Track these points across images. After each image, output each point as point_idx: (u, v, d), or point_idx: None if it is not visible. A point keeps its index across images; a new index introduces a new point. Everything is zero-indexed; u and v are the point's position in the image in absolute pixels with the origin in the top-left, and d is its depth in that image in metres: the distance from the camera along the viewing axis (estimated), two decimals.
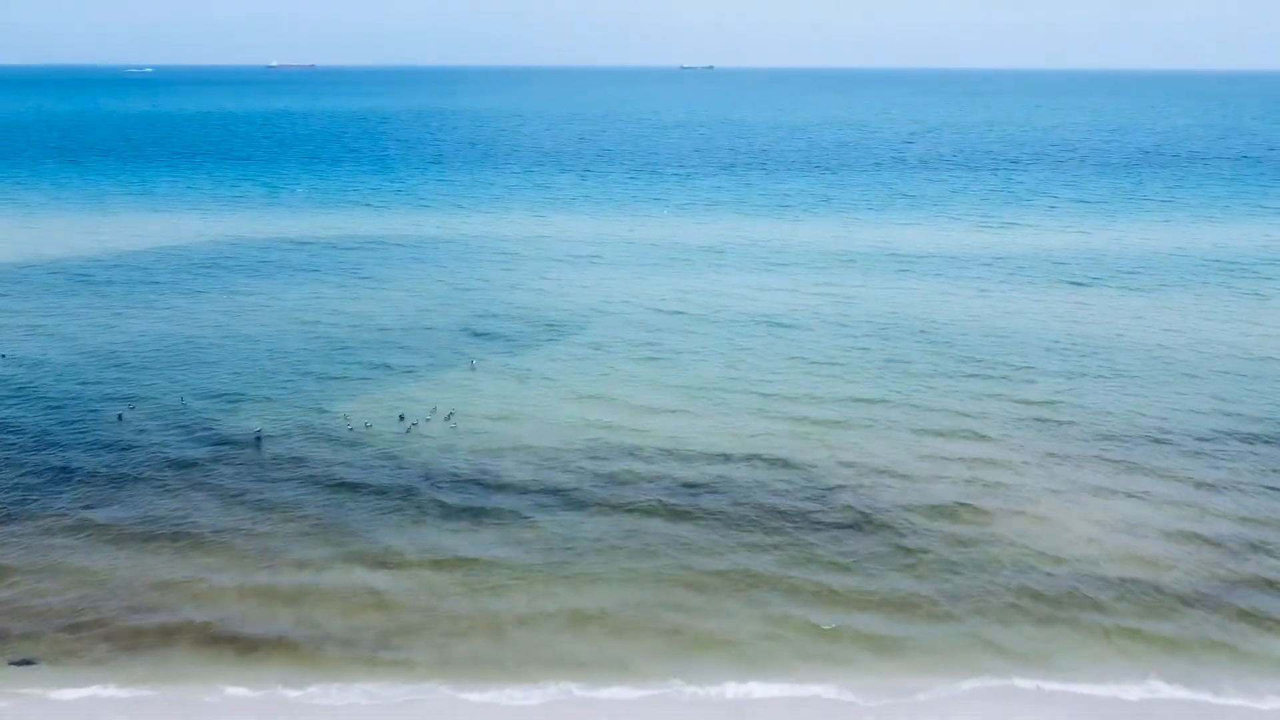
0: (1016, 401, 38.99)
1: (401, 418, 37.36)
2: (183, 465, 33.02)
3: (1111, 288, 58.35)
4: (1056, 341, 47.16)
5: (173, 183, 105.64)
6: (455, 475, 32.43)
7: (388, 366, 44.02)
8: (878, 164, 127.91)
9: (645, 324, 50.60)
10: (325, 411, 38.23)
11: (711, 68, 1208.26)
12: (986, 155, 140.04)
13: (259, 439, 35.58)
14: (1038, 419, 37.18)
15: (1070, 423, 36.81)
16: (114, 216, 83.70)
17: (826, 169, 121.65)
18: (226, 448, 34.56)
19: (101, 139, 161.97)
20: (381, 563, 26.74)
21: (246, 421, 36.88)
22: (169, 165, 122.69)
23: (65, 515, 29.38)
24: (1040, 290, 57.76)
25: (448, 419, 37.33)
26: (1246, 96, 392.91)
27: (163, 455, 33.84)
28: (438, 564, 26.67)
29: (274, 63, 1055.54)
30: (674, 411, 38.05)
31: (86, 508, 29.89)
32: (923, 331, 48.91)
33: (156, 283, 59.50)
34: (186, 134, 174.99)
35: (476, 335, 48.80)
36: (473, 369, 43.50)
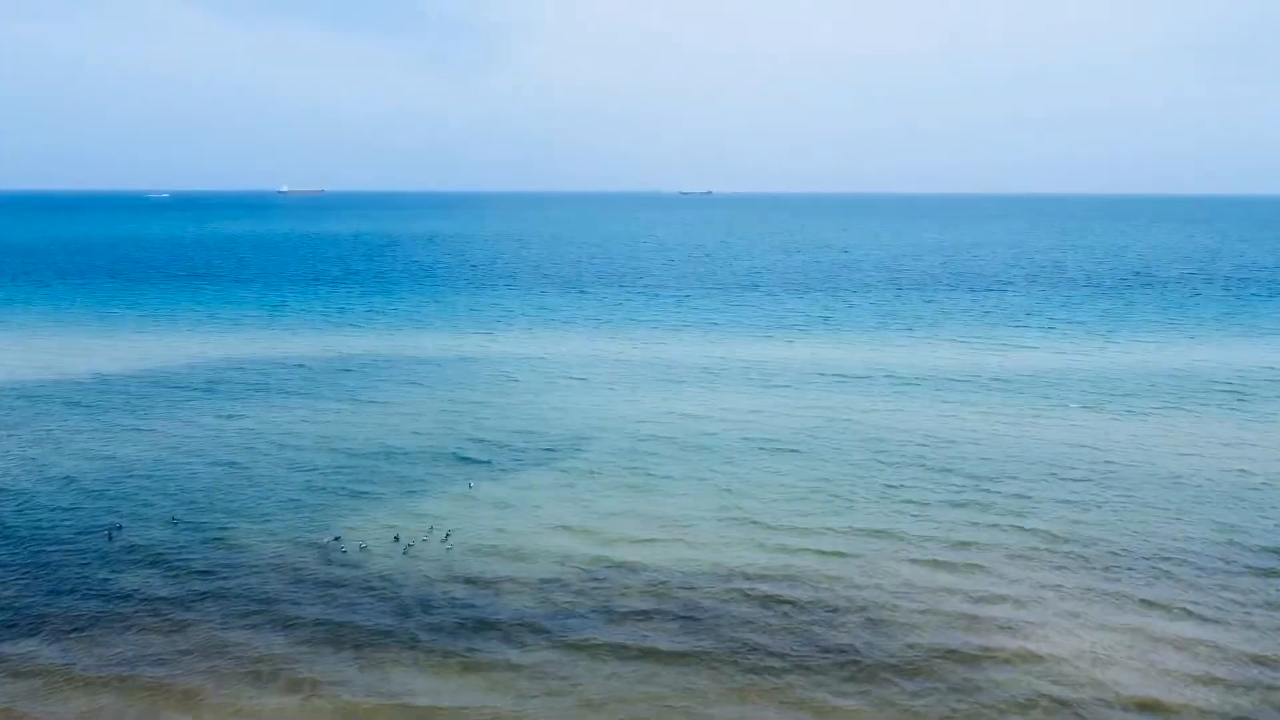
0: (1018, 530, 38.05)
1: (396, 539, 36.98)
2: (167, 600, 31.98)
3: (1111, 410, 57.93)
4: (1057, 465, 46.45)
5: (175, 304, 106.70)
6: (443, 608, 31.43)
7: (384, 488, 43.39)
8: (871, 285, 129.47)
9: (641, 448, 50.00)
10: (318, 534, 37.60)
11: (710, 193, 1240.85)
12: (979, 277, 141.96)
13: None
14: (1041, 549, 36.18)
15: (1074, 553, 35.80)
16: (114, 338, 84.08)
17: (822, 290, 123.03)
18: (213, 578, 33.61)
19: (109, 261, 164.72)
20: (354, 711, 25.45)
21: (234, 553, 35.91)
22: (173, 287, 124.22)
23: (40, 656, 28.25)
24: (1039, 413, 57.31)
25: (444, 540, 36.91)
26: (1231, 220, 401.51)
27: (147, 588, 32.88)
28: (416, 711, 25.37)
29: (284, 188, 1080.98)
30: (669, 542, 37.09)
31: (63, 646, 28.74)
32: (920, 456, 48.27)
33: (153, 405, 59.15)
34: (193, 256, 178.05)
35: (473, 457, 48.27)
36: (470, 489, 43.15)
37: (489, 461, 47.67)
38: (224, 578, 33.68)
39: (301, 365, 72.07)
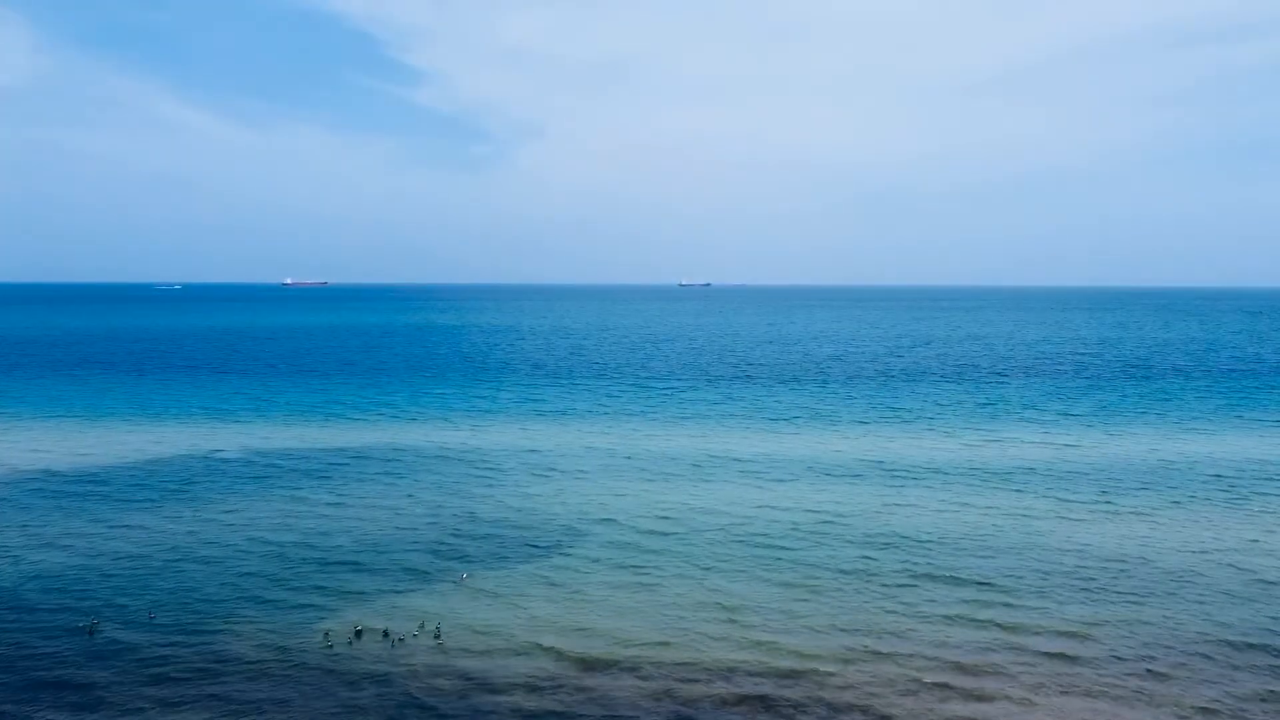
0: (1019, 647, 36.63)
1: (385, 634, 36.11)
2: (145, 705, 30.76)
3: (1112, 508, 56.78)
4: (1059, 568, 45.18)
5: (166, 395, 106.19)
6: (436, 708, 30.52)
7: (374, 583, 42.49)
8: (867, 377, 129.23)
9: (630, 545, 48.89)
10: (306, 632, 36.60)
11: (709, 285, 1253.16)
12: (973, 369, 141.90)
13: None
14: (1043, 665, 34.75)
15: (1079, 671, 34.35)
16: (103, 429, 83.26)
17: (816, 382, 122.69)
18: (192, 681, 32.48)
19: (105, 352, 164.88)
20: None
21: (216, 652, 34.56)
22: (166, 378, 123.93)
23: None
24: (1038, 510, 56.18)
25: (436, 637, 36.09)
26: (1223, 311, 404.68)
27: (124, 691, 31.70)
28: None
29: (288, 280, 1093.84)
30: (658, 643, 35.82)
31: None
32: (915, 557, 47.02)
33: (137, 499, 58.03)
34: (190, 347, 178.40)
35: (463, 552, 47.33)
36: (460, 584, 42.43)
37: (479, 557, 46.61)
38: (205, 679, 32.51)
39: (289, 458, 71.13)
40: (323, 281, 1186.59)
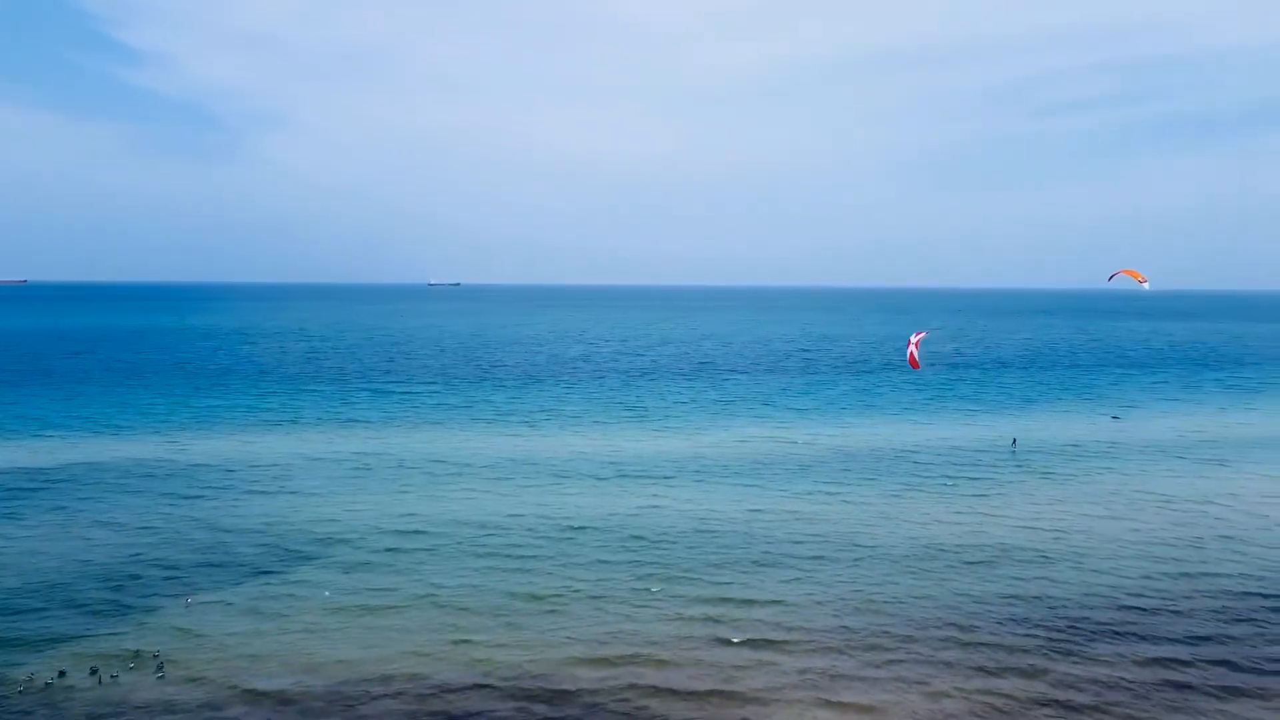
0: (766, 651, 37.53)
1: (93, 671, 32.19)
2: None
3: (836, 497, 60.18)
4: (793, 564, 47.02)
5: None
6: None
7: (78, 616, 38.03)
8: (611, 376, 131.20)
9: (366, 560, 46.31)
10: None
11: (459, 284, 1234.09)
12: (711, 366, 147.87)
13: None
14: (783, 662, 35.83)
15: (819, 671, 35.71)
16: None
17: (561, 383, 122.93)
18: None
19: None
20: None
21: None
22: None
23: None
24: (771, 505, 58.50)
25: (156, 671, 32.43)
26: (932, 310, 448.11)
27: None
28: None
29: None
30: (395, 671, 33.69)
31: None
32: (652, 561, 47.41)
33: None
34: None
35: (179, 577, 43.04)
36: (187, 608, 38.84)
37: (200, 584, 42.29)
38: None
39: None
40: (22, 280, 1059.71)
